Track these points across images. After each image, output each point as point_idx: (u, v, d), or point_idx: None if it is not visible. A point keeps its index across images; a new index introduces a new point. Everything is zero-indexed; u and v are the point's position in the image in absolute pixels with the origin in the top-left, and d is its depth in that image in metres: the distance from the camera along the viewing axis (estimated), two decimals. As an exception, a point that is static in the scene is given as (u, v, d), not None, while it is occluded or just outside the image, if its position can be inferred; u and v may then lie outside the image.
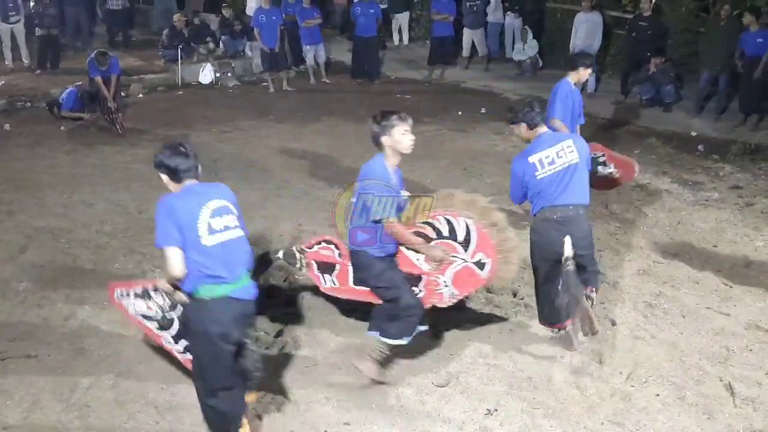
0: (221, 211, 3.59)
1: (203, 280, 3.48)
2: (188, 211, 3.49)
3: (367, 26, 13.26)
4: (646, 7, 11.19)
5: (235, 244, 3.60)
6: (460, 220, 4.52)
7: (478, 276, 4.49)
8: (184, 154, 3.75)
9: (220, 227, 3.54)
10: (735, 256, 6.35)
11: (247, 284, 3.65)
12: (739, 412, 4.30)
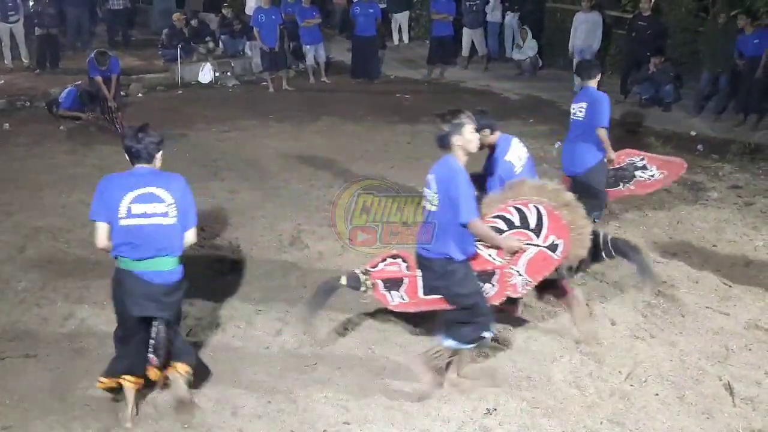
0: (146, 198, 3.90)
1: (117, 252, 3.93)
2: (114, 192, 3.96)
3: (367, 26, 13.26)
4: (645, 6, 11.18)
5: (151, 229, 3.88)
6: (531, 206, 4.48)
7: (552, 258, 4.48)
8: (138, 139, 4.11)
9: (139, 212, 3.87)
10: (734, 255, 6.34)
11: (162, 268, 3.91)
12: (739, 412, 4.30)
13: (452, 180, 4.07)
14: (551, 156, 9.09)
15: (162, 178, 4.04)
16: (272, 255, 6.37)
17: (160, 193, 3.92)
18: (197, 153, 9.09)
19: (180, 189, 4.01)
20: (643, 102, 11.26)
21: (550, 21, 14.25)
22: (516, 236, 4.41)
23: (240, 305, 5.49)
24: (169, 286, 3.97)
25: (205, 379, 4.57)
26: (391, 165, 8.61)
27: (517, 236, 4.42)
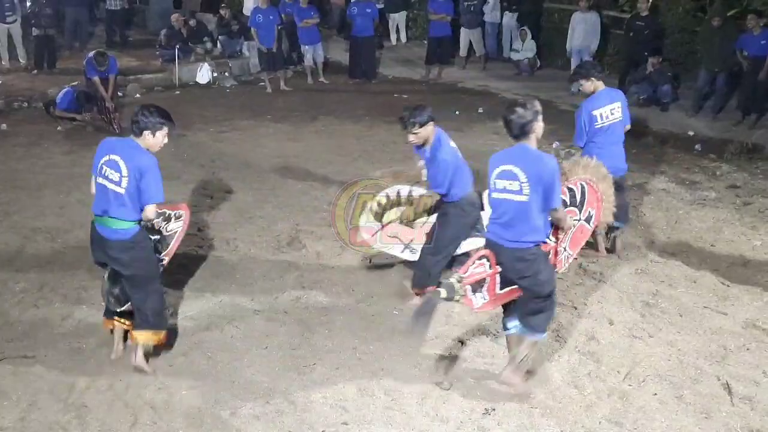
0: (111, 164, 4.42)
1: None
2: (99, 153, 4.56)
3: (364, 26, 13.26)
4: (643, 6, 11.20)
5: (105, 190, 4.42)
6: (578, 184, 4.60)
7: (588, 229, 4.69)
8: (139, 113, 4.55)
9: (104, 173, 4.44)
10: (732, 255, 6.35)
11: (108, 225, 4.45)
12: (737, 411, 4.31)
13: (545, 167, 4.03)
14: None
15: (132, 152, 4.43)
16: (270, 255, 6.37)
17: (121, 164, 4.36)
18: (195, 153, 9.09)
19: (139, 167, 4.36)
20: (640, 102, 11.26)
21: (548, 21, 14.26)
22: (568, 215, 4.44)
23: (238, 305, 5.48)
24: (114, 242, 4.44)
25: (203, 379, 4.57)
26: (390, 165, 8.59)
27: (569, 215, 4.46)
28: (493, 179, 4.22)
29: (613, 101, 6.00)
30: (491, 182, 4.25)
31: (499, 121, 4.86)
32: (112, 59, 10.62)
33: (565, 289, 5.72)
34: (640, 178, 8.22)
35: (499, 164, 4.21)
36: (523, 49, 13.70)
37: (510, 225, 4.14)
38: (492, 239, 4.27)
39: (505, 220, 4.16)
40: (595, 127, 5.93)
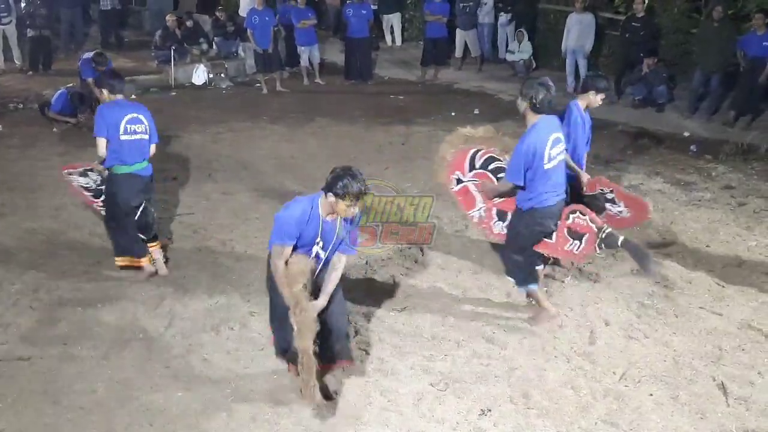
0: (134, 121, 5.52)
1: (116, 162, 5.52)
2: (114, 116, 5.46)
3: (359, 27, 13.26)
4: (638, 8, 11.22)
5: (138, 143, 5.56)
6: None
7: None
8: (119, 77, 5.72)
9: (131, 130, 5.50)
10: (728, 255, 6.36)
11: (144, 167, 5.64)
12: (732, 412, 4.32)
13: None
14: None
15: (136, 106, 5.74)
16: (267, 256, 6.35)
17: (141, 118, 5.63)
18: (191, 154, 9.08)
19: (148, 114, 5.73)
20: (636, 103, 11.29)
21: (543, 22, 14.28)
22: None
23: (234, 307, 5.48)
24: (149, 177, 5.75)
25: (199, 381, 4.57)
26: (386, 166, 8.61)
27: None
28: (548, 151, 4.73)
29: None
30: (546, 155, 4.72)
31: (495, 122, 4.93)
32: (108, 61, 10.60)
33: (562, 290, 5.73)
34: (636, 179, 8.23)
35: (549, 134, 4.74)
36: (519, 51, 13.71)
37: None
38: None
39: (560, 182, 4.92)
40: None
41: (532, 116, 4.79)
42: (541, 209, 4.87)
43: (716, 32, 10.31)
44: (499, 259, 6.28)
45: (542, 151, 4.70)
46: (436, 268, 6.12)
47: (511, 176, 4.82)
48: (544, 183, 4.78)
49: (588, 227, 4.97)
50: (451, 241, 6.58)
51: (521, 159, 4.72)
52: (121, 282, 5.82)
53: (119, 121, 5.42)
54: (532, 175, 4.75)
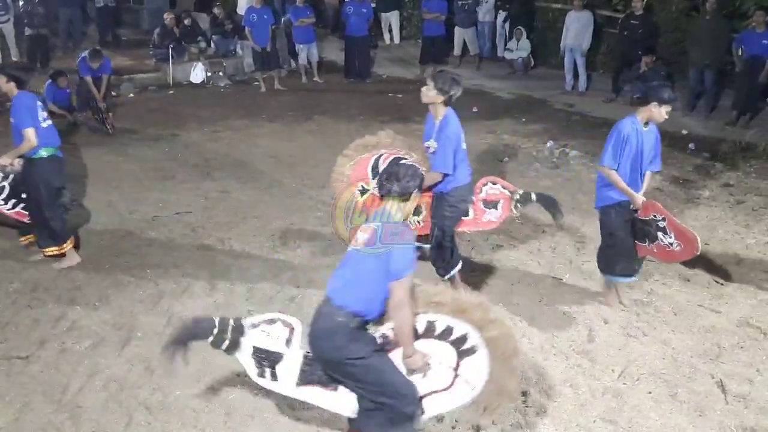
0: (41, 107, 5.84)
1: (42, 146, 5.74)
2: (33, 106, 5.74)
3: (359, 26, 13.25)
4: (637, 6, 11.21)
5: (51, 127, 5.89)
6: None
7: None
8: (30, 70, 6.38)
9: (44, 116, 5.82)
10: (726, 253, 6.37)
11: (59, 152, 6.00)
12: (731, 409, 4.32)
13: None
14: (543, 155, 9.11)
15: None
16: (265, 255, 6.36)
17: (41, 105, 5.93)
18: (189, 153, 9.07)
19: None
20: (634, 101, 11.28)
21: (541, 20, 14.28)
22: None
23: (232, 305, 5.47)
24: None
25: (198, 380, 4.57)
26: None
27: None
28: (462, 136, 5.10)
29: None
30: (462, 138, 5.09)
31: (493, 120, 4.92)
32: (106, 59, 10.59)
33: (561, 288, 5.73)
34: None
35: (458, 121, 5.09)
36: (517, 49, 13.71)
37: None
38: None
39: None
40: None
41: (443, 109, 5.10)
42: (463, 186, 5.18)
43: (708, 27, 10.32)
44: (498, 259, 6.29)
45: (461, 136, 5.08)
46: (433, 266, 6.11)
47: (442, 167, 5.04)
48: (463, 162, 5.15)
49: (501, 194, 5.40)
50: (449, 240, 6.57)
51: (450, 148, 5.00)
52: (120, 281, 5.82)
53: (38, 109, 5.77)
54: (458, 160, 5.08)
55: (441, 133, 5.03)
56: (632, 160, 5.03)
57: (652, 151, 5.12)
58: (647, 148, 5.07)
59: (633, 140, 4.99)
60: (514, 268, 6.08)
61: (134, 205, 7.37)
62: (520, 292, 5.64)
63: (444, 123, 5.05)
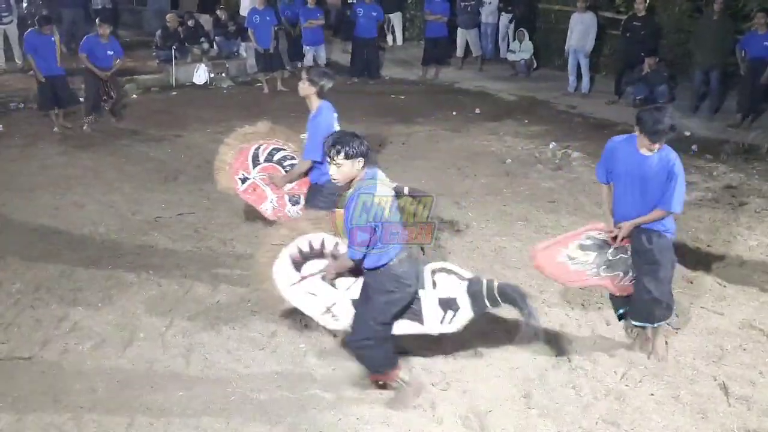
0: None
1: None
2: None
3: (368, 28, 13.27)
4: (640, 7, 11.21)
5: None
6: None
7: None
8: None
9: None
10: (729, 255, 6.36)
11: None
12: (734, 411, 4.31)
13: None
14: (545, 157, 9.10)
15: None
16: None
17: None
18: (192, 154, 9.07)
19: None
20: (637, 102, 11.27)
21: (544, 22, 14.28)
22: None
23: (235, 306, 5.47)
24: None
25: (200, 381, 4.57)
26: (386, 165, 8.57)
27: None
28: (336, 127, 5.36)
29: None
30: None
31: (496, 122, 4.93)
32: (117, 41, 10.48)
33: (562, 290, 5.72)
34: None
35: (332, 114, 5.45)
36: (520, 50, 13.71)
37: None
38: None
39: None
40: None
41: (316, 100, 5.45)
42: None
43: (714, 28, 10.32)
44: (499, 260, 6.28)
45: (333, 129, 5.28)
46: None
47: (310, 154, 5.35)
48: None
49: None
50: (451, 241, 6.58)
51: (318, 136, 5.17)
52: (122, 281, 5.82)
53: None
54: None
55: (311, 123, 5.37)
56: (623, 182, 4.61)
57: (660, 186, 4.48)
58: (649, 176, 4.50)
59: (622, 158, 4.63)
60: (516, 269, 6.07)
61: (137, 205, 7.38)
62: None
63: (316, 113, 5.38)
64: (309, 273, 4.36)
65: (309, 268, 4.37)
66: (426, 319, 4.25)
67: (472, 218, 7.05)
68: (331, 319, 4.40)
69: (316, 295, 4.35)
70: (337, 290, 4.35)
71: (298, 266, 4.36)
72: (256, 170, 5.78)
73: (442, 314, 4.24)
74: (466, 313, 4.24)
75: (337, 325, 4.42)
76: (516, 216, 7.04)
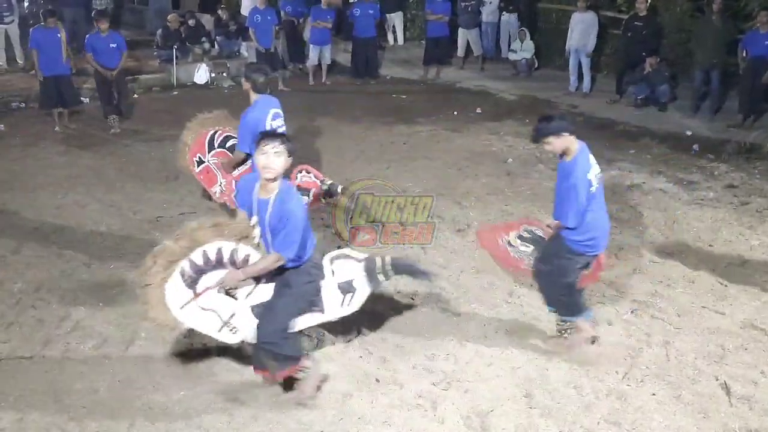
0: None
1: None
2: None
3: (367, 27, 13.26)
4: (641, 7, 11.20)
5: None
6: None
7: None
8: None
9: None
10: (730, 255, 6.35)
11: None
12: (735, 411, 4.31)
13: None
14: (546, 156, 9.09)
15: None
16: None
17: None
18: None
19: None
20: (638, 102, 11.28)
21: (545, 21, 14.27)
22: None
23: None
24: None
25: (202, 381, 4.57)
26: (387, 166, 8.60)
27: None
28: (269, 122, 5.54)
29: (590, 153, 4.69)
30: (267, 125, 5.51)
31: (497, 121, 4.93)
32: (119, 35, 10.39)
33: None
34: (638, 179, 8.22)
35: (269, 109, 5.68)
36: (521, 50, 13.70)
37: None
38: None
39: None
40: (591, 193, 4.53)
41: (253, 95, 5.75)
42: None
43: (714, 27, 10.31)
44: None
45: (262, 122, 5.57)
46: (437, 267, 6.10)
47: (241, 146, 5.62)
48: None
49: (313, 182, 5.82)
50: (452, 241, 6.57)
51: (246, 130, 5.50)
52: (124, 281, 5.82)
53: None
54: None
55: (243, 116, 5.62)
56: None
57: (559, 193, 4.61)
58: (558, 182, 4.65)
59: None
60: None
61: (138, 205, 7.38)
62: (523, 293, 5.63)
63: (250, 108, 5.67)
64: (204, 287, 4.14)
65: (205, 281, 4.15)
66: (326, 307, 4.38)
67: (473, 218, 7.05)
68: (229, 333, 4.22)
69: (214, 310, 4.17)
70: (236, 300, 4.20)
71: (192, 282, 4.13)
72: (211, 154, 6.13)
73: (341, 297, 4.40)
74: (364, 291, 4.45)
75: (236, 338, 4.25)
76: (517, 215, 7.02)
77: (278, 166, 3.94)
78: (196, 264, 4.14)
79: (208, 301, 4.16)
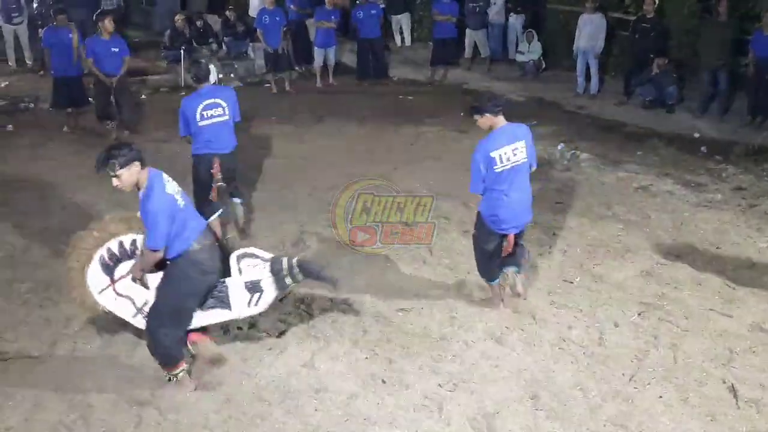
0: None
1: None
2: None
3: (371, 27, 13.25)
4: (648, 8, 11.16)
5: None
6: None
7: None
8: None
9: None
10: (738, 257, 6.33)
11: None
12: (743, 414, 4.29)
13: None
14: (554, 158, 9.08)
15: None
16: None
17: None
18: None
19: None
20: (646, 104, 11.24)
21: (552, 23, 14.24)
22: None
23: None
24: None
25: (208, 381, 4.58)
26: (395, 166, 8.60)
27: None
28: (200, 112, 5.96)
29: (516, 140, 5.02)
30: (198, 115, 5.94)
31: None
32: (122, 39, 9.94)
33: (571, 291, 5.71)
34: (646, 180, 8.19)
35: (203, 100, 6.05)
36: (528, 51, 13.68)
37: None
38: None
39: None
40: (495, 172, 4.96)
41: (196, 84, 6.18)
42: (199, 155, 6.25)
43: (719, 28, 10.28)
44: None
45: (195, 112, 6.03)
46: (444, 268, 6.12)
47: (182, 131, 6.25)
48: (200, 135, 6.15)
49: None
50: (459, 242, 6.57)
51: (181, 116, 6.19)
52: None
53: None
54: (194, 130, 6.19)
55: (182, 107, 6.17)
56: None
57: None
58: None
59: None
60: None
61: (145, 205, 7.39)
62: (531, 294, 5.62)
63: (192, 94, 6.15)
64: (120, 275, 4.49)
65: (121, 269, 4.51)
66: (233, 304, 4.46)
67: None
68: (142, 320, 4.44)
69: (129, 297, 4.47)
70: (148, 289, 4.45)
71: (110, 270, 4.51)
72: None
73: (248, 297, 4.49)
74: (271, 293, 4.52)
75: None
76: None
77: (125, 183, 4.29)
78: (113, 252, 4.51)
79: (123, 288, 4.50)
